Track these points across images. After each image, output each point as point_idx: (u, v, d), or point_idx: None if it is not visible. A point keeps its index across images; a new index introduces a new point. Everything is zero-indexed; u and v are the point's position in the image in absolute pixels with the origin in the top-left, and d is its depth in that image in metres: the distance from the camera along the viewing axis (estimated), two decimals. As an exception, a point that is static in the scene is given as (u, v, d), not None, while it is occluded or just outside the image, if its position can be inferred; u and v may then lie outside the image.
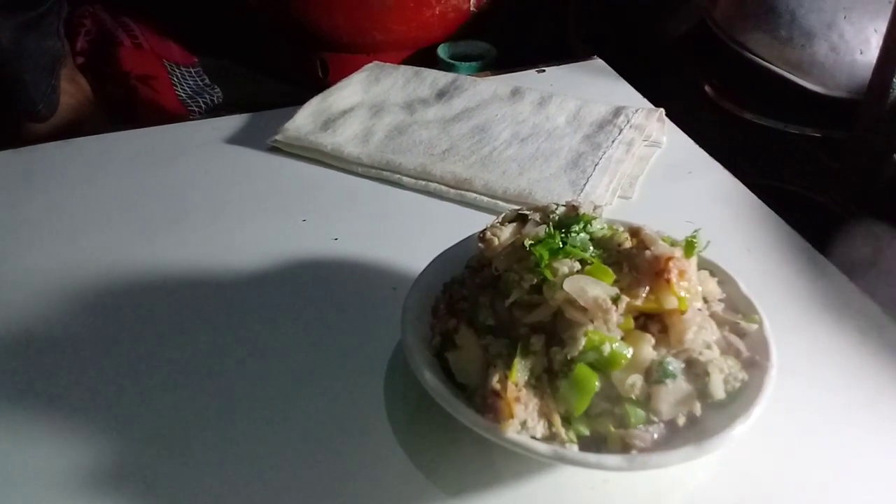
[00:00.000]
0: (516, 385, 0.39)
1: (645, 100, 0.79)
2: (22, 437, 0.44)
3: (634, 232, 0.43)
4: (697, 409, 0.39)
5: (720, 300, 0.45)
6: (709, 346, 0.41)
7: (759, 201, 0.64)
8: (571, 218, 0.44)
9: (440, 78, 0.80)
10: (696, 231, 0.43)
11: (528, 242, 0.41)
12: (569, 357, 0.39)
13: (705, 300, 0.44)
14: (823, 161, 0.76)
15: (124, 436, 0.44)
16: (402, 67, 0.82)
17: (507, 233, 0.45)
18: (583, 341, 0.38)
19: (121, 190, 0.66)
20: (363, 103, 0.76)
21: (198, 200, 0.64)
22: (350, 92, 0.78)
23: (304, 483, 0.42)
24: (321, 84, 0.79)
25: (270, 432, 0.45)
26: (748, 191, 0.65)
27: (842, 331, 0.51)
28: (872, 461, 0.43)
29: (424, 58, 1.01)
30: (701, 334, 0.40)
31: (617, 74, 0.84)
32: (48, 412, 0.46)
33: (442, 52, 1.00)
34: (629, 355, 0.39)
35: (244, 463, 0.43)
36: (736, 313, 0.45)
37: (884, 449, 0.44)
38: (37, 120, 0.83)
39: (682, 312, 0.40)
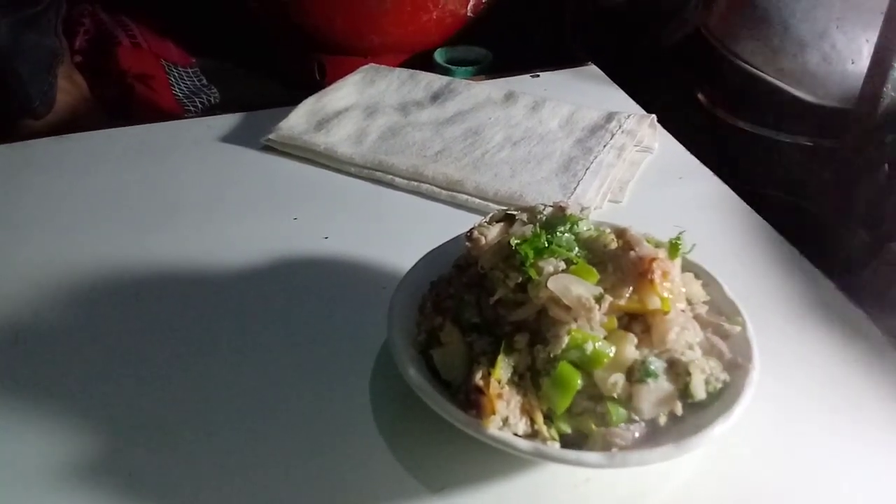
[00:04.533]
0: (499, 382, 0.39)
1: (637, 106, 0.79)
2: (10, 429, 0.44)
3: (620, 233, 0.44)
4: (678, 408, 0.40)
5: (704, 302, 0.45)
6: (691, 347, 0.41)
7: (748, 207, 0.64)
8: (558, 218, 0.45)
9: (435, 81, 0.80)
10: (680, 233, 0.44)
11: (514, 241, 0.42)
12: (552, 355, 0.39)
13: (689, 302, 0.44)
14: (814, 169, 0.76)
15: (111, 429, 0.44)
16: (398, 70, 0.83)
17: (494, 232, 0.45)
18: (566, 339, 0.39)
19: (114, 186, 0.66)
20: (357, 104, 0.76)
21: (190, 198, 0.65)
22: (345, 93, 0.78)
23: (289, 478, 0.42)
24: (318, 86, 0.79)
25: (256, 428, 0.45)
26: (737, 197, 0.66)
27: (826, 335, 0.51)
28: (852, 464, 0.44)
29: (421, 62, 1.01)
30: (683, 335, 0.41)
31: (610, 80, 0.85)
32: (36, 405, 0.46)
33: (438, 56, 1.01)
34: (611, 354, 0.39)
35: (229, 458, 0.43)
36: (720, 316, 0.45)
37: (863, 452, 0.44)
38: (33, 117, 0.84)
39: (665, 313, 0.40)
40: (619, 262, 0.42)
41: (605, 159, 0.67)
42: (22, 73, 0.80)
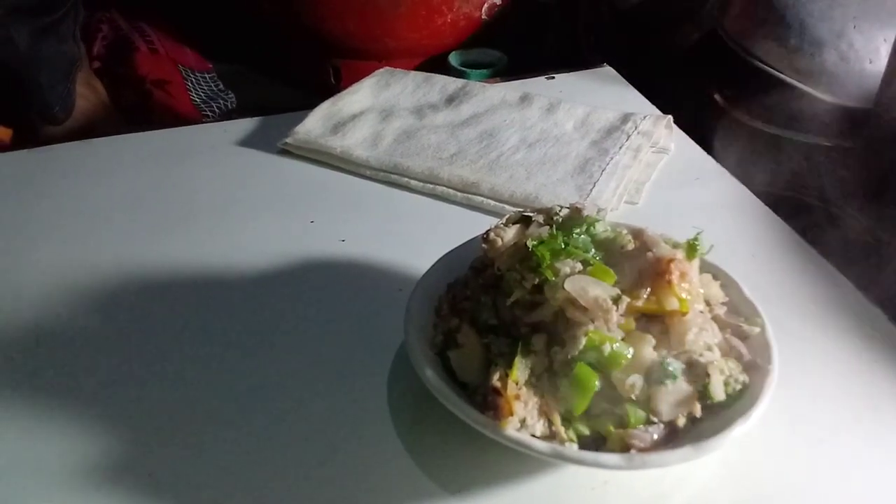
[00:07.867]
0: (517, 383, 0.39)
1: (653, 107, 0.79)
2: (31, 430, 0.45)
3: (637, 234, 0.44)
4: (697, 410, 0.39)
5: (723, 303, 0.45)
6: (709, 348, 0.41)
7: (766, 208, 0.64)
8: (574, 220, 0.44)
9: (450, 83, 0.81)
10: (698, 234, 0.43)
11: (530, 243, 0.42)
12: (569, 356, 0.39)
13: (708, 303, 0.44)
14: (832, 170, 0.76)
15: (130, 429, 0.45)
16: (413, 73, 0.83)
17: (510, 234, 0.45)
18: (583, 341, 0.39)
19: (132, 190, 0.66)
20: (373, 108, 0.77)
21: (208, 201, 0.65)
22: (360, 96, 0.79)
23: (306, 479, 0.42)
24: (334, 90, 0.79)
25: (274, 430, 0.45)
26: (755, 197, 0.65)
27: (845, 336, 0.51)
28: (872, 467, 0.43)
29: (436, 65, 1.01)
30: (702, 336, 0.41)
31: (626, 82, 0.85)
32: (57, 406, 0.46)
33: (453, 59, 1.01)
34: (629, 355, 0.39)
35: (247, 459, 0.43)
36: (739, 317, 0.45)
37: (883, 453, 0.44)
38: (52, 122, 0.84)
39: (683, 314, 0.40)
40: (636, 263, 0.42)
41: (621, 160, 0.67)
42: (41, 79, 0.81)
